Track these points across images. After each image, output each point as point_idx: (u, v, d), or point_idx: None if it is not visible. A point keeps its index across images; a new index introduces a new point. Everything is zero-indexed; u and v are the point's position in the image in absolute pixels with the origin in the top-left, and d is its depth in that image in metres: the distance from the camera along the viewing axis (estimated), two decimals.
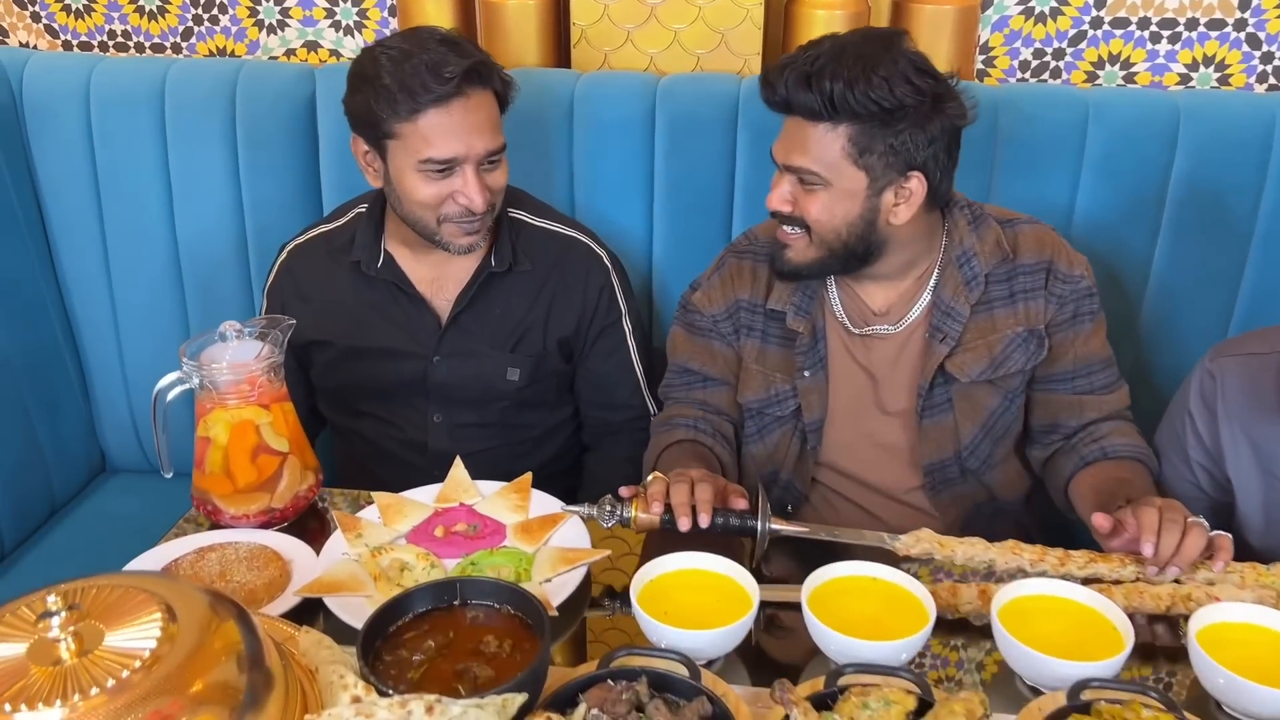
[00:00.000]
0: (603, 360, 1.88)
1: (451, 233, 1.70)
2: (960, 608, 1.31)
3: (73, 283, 2.28)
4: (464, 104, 1.61)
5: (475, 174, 1.65)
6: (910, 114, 1.48)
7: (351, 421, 1.92)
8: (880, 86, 1.45)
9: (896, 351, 1.68)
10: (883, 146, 1.50)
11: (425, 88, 1.58)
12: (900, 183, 1.53)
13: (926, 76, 1.49)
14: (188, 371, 1.42)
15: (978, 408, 1.66)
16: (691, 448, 1.69)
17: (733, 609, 1.23)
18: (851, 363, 1.70)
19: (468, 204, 1.66)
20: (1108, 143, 1.92)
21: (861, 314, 1.69)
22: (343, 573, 1.35)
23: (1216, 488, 1.61)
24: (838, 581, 1.27)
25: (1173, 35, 2.16)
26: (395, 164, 1.66)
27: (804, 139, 1.52)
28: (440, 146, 1.61)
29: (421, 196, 1.66)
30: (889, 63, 1.47)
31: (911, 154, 1.51)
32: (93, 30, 2.50)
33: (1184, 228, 1.93)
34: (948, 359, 1.64)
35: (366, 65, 1.64)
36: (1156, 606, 1.29)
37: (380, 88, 1.60)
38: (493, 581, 1.20)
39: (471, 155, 1.63)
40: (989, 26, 2.21)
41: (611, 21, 2.14)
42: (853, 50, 1.48)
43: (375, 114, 1.62)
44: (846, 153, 1.51)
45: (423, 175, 1.64)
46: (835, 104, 1.47)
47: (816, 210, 1.55)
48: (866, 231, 1.56)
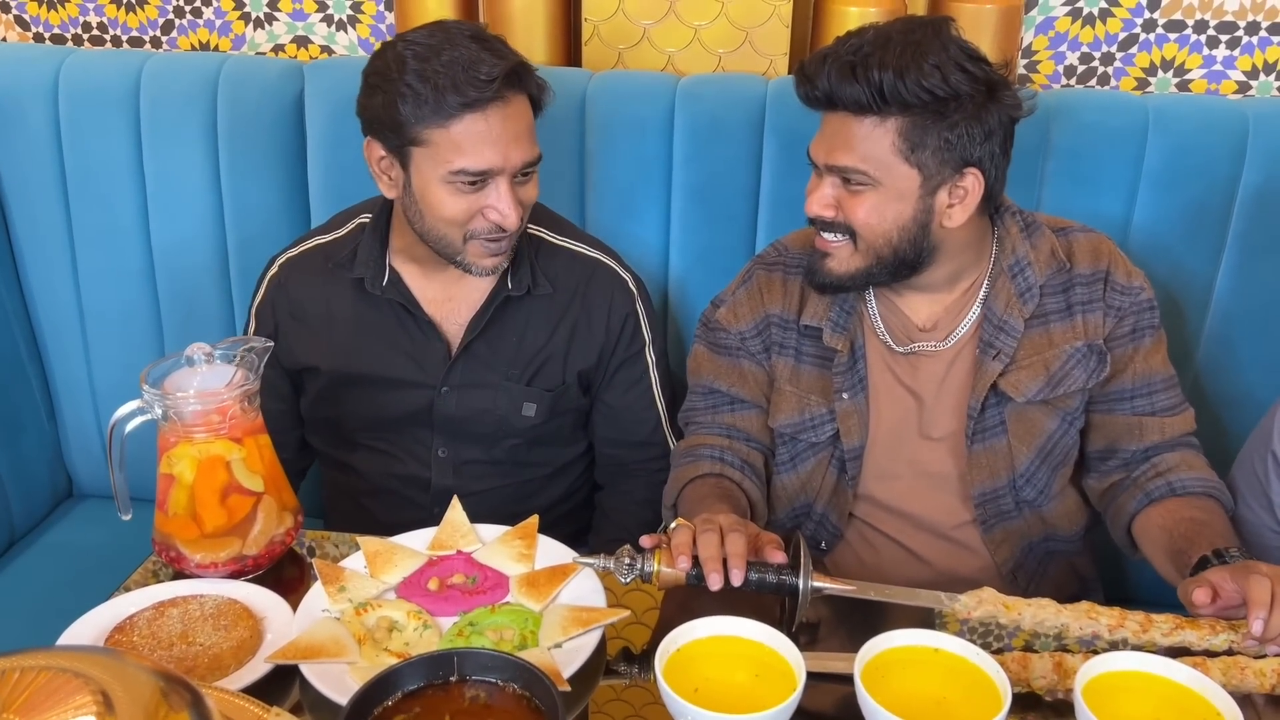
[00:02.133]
0: (623, 394, 1.70)
1: (476, 252, 1.53)
2: (1033, 682, 1.14)
3: (38, 294, 2.11)
4: (502, 110, 1.44)
5: (510, 188, 1.48)
6: (966, 104, 1.37)
7: (345, 454, 1.74)
8: (933, 74, 1.34)
9: (944, 370, 1.53)
10: (937, 141, 1.37)
11: (459, 90, 1.41)
12: (955, 181, 1.41)
13: (981, 63, 1.38)
14: (149, 400, 1.25)
15: (1034, 430, 1.51)
16: (716, 484, 1.52)
17: (774, 686, 1.06)
18: (895, 383, 1.55)
19: (499, 220, 1.49)
20: (1168, 153, 1.76)
21: (905, 330, 1.55)
22: (322, 634, 1.17)
23: None
24: (894, 653, 1.11)
25: (1231, 40, 2.00)
26: (420, 174, 1.48)
27: (849, 135, 1.39)
28: (475, 157, 1.44)
29: (449, 212, 1.48)
30: (939, 49, 1.35)
31: (968, 148, 1.39)
32: (66, 22, 2.33)
33: (1251, 247, 1.77)
34: (1001, 377, 1.49)
35: (390, 62, 1.45)
36: (1260, 685, 1.13)
37: (406, 88, 1.42)
38: (496, 655, 1.02)
39: (508, 167, 1.46)
40: (1033, 28, 2.05)
41: (626, 17, 1.98)
42: (899, 38, 1.36)
43: (399, 117, 1.44)
44: (897, 148, 1.38)
45: (452, 187, 1.47)
46: (885, 94, 1.35)
47: (864, 213, 1.41)
48: (919, 236, 1.43)
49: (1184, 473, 1.48)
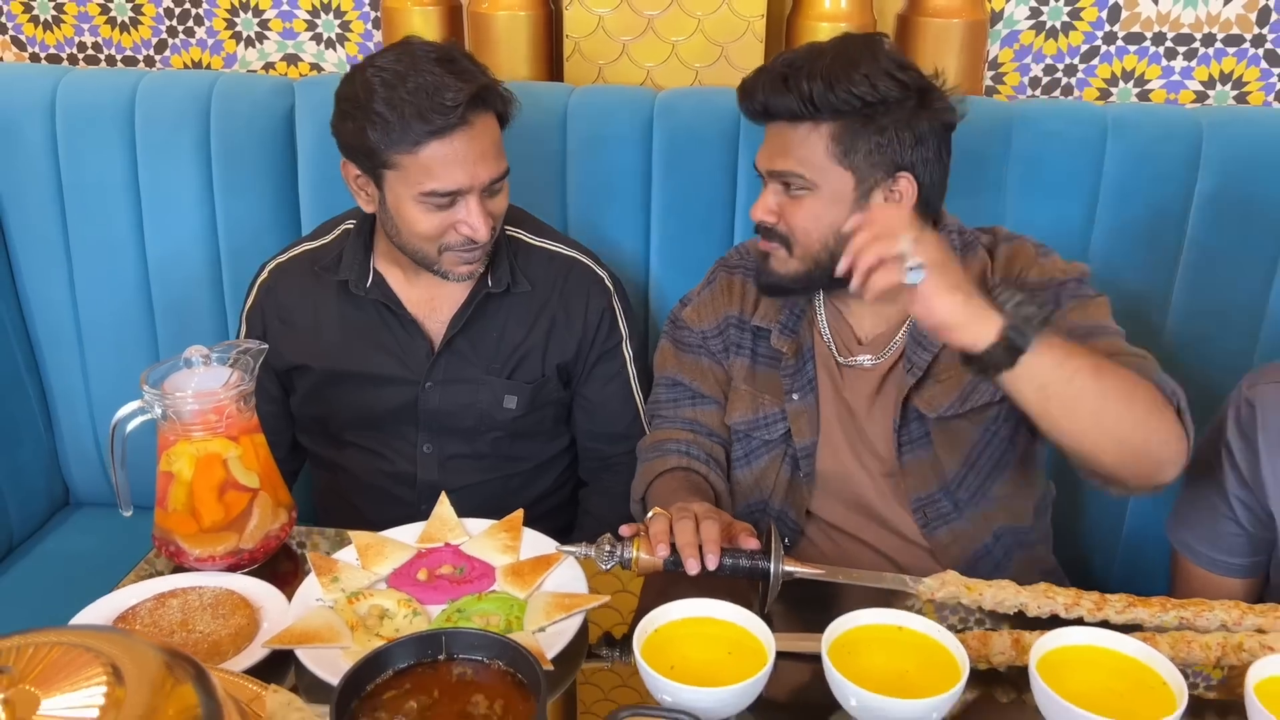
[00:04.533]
0: (601, 387, 1.77)
1: (451, 262, 1.60)
2: (992, 658, 1.20)
3: (36, 306, 2.17)
4: (467, 133, 1.50)
5: (479, 203, 1.54)
6: (895, 109, 1.43)
7: (335, 453, 1.80)
8: (861, 82, 1.41)
9: (874, 386, 1.58)
10: (868, 144, 1.44)
11: (425, 118, 1.47)
12: (889, 184, 1.47)
13: (910, 71, 1.45)
14: (149, 401, 1.31)
15: (959, 442, 1.56)
16: (685, 477, 1.59)
17: (746, 663, 1.12)
18: (835, 393, 1.61)
19: (470, 234, 1.56)
20: (1127, 161, 1.83)
21: (846, 341, 1.61)
22: (316, 621, 1.23)
23: (1256, 523, 1.51)
24: (860, 631, 1.16)
25: (1189, 51, 2.09)
26: (393, 193, 1.55)
27: (786, 141, 1.47)
28: (443, 179, 1.51)
29: (422, 228, 1.55)
30: (870, 60, 1.43)
31: (899, 152, 1.45)
32: (62, 42, 2.39)
33: (1207, 250, 1.84)
34: (915, 393, 1.54)
35: (358, 89, 1.51)
36: (1206, 657, 1.19)
37: (374, 115, 1.48)
38: (482, 634, 1.08)
39: (476, 185, 1.53)
40: (998, 41, 2.13)
41: (606, 34, 2.05)
42: (831, 50, 1.45)
43: (369, 144, 1.51)
44: (830, 152, 1.45)
45: (424, 206, 1.54)
46: (816, 101, 1.42)
47: (802, 218, 1.48)
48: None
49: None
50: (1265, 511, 1.49)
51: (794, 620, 1.33)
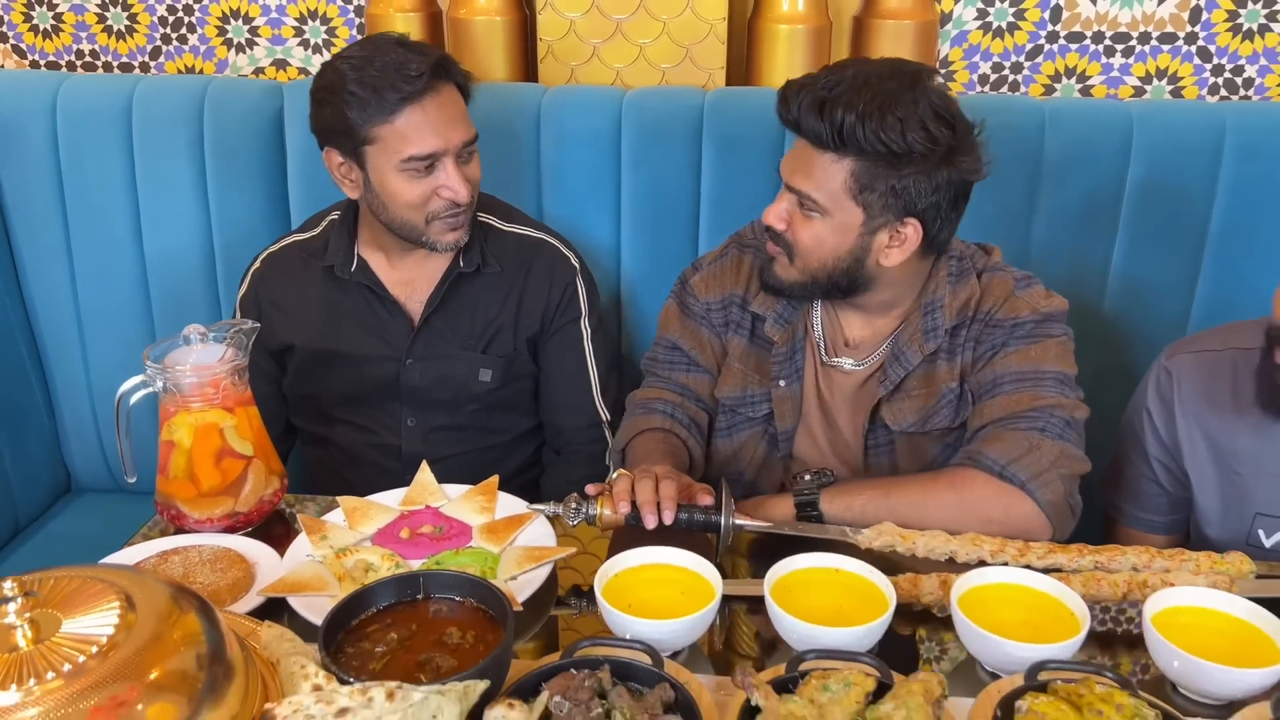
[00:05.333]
0: (557, 356, 1.89)
1: (439, 230, 1.72)
2: (922, 598, 1.32)
3: (39, 300, 2.28)
4: (436, 99, 1.64)
5: (455, 166, 1.67)
6: (918, 160, 1.45)
7: (325, 429, 1.92)
8: (893, 127, 1.42)
9: (852, 389, 1.68)
10: (884, 187, 1.47)
11: (395, 88, 1.61)
12: (896, 226, 1.51)
13: (944, 125, 1.45)
14: (151, 375, 1.42)
15: (919, 455, 1.65)
16: (664, 439, 1.69)
17: (696, 600, 1.23)
18: (816, 387, 1.71)
19: (452, 196, 1.68)
20: (1064, 150, 1.96)
21: (834, 341, 1.69)
22: (307, 573, 1.35)
23: (1175, 482, 1.64)
24: (801, 573, 1.28)
25: (1126, 49, 2.22)
26: (376, 169, 1.68)
27: (810, 164, 1.51)
28: (420, 143, 1.63)
29: (408, 197, 1.68)
30: (909, 104, 1.43)
31: (913, 200, 1.48)
32: (60, 50, 2.51)
33: (1140, 232, 1.97)
34: (885, 404, 1.63)
35: (331, 77, 1.66)
36: (1114, 593, 1.31)
37: (350, 95, 1.62)
38: (456, 575, 1.20)
39: (450, 147, 1.66)
40: (948, 41, 2.26)
41: (578, 37, 2.17)
42: (875, 84, 1.44)
43: (349, 122, 1.64)
44: (847, 186, 1.49)
45: (405, 174, 1.66)
46: (843, 136, 1.44)
47: (807, 237, 1.54)
48: (853, 267, 1.55)
49: (976, 445, 1.53)
50: (1182, 471, 1.62)
51: (747, 570, 1.45)
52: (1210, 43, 2.18)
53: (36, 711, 0.88)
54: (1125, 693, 1.05)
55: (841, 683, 1.06)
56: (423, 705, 1.00)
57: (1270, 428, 1.51)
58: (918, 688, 1.05)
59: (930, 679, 1.07)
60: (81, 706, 0.90)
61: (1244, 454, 1.55)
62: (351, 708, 0.99)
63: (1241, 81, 2.20)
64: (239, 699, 1.01)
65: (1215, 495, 1.59)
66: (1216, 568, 1.35)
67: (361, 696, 1.00)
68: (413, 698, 1.00)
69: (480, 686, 1.03)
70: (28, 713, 0.88)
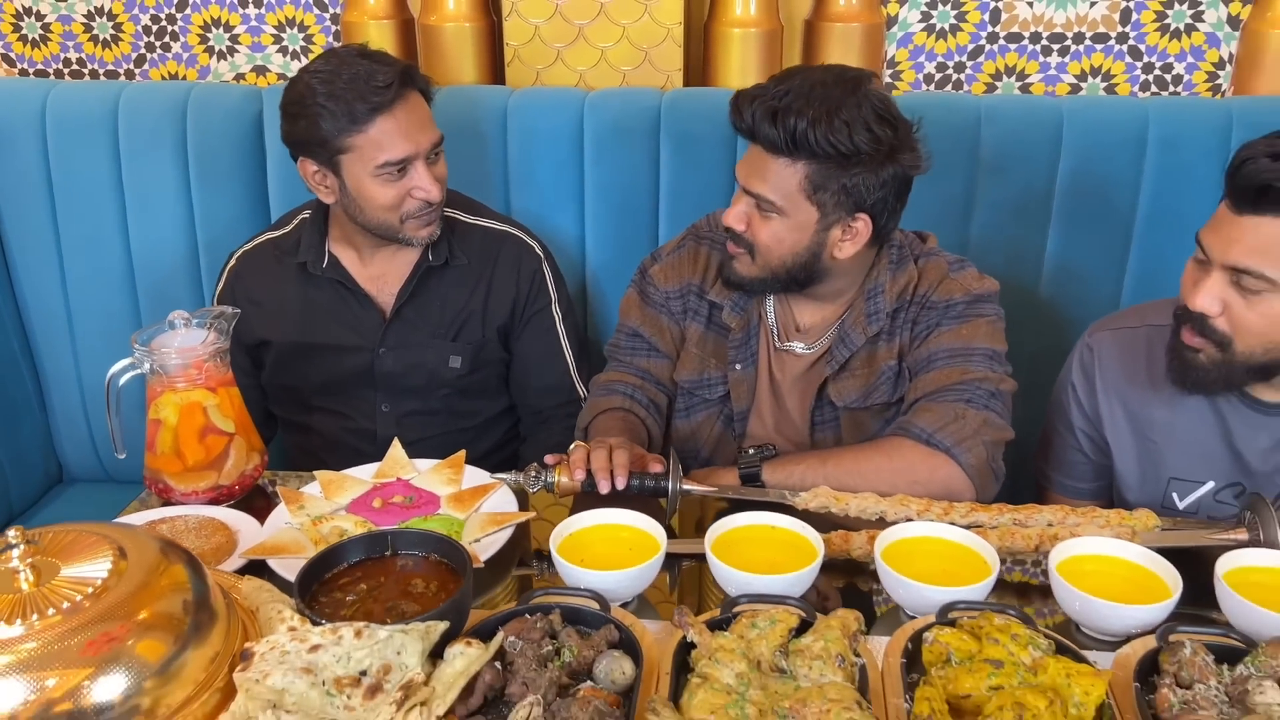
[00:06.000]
0: (533, 343, 2.00)
1: (414, 227, 1.83)
2: (852, 552, 1.43)
3: (30, 298, 2.38)
4: (404, 106, 1.75)
5: (426, 168, 1.78)
6: (865, 159, 1.57)
7: (304, 416, 2.02)
8: (841, 130, 1.53)
9: (801, 371, 1.80)
10: (836, 186, 1.59)
11: (365, 99, 1.71)
12: (848, 221, 1.63)
13: (886, 125, 1.57)
14: (139, 357, 1.53)
15: (861, 429, 1.77)
16: (624, 417, 1.80)
17: (643, 555, 1.34)
18: (769, 370, 1.82)
19: (425, 196, 1.79)
20: (1000, 144, 2.08)
21: (786, 327, 1.81)
22: (285, 538, 1.45)
23: (1097, 450, 1.76)
24: (739, 530, 1.39)
25: (1062, 49, 2.34)
26: (352, 175, 1.78)
27: (765, 168, 1.61)
28: (393, 149, 1.74)
29: (383, 200, 1.78)
30: (853, 106, 1.54)
31: (862, 196, 1.60)
32: (49, 59, 2.61)
33: (1072, 220, 2.09)
34: (831, 382, 1.75)
35: (302, 91, 1.75)
36: (1027, 545, 1.43)
37: (322, 108, 1.72)
38: (421, 532, 1.31)
39: (421, 151, 1.77)
40: (894, 43, 2.38)
41: (542, 41, 2.29)
42: (821, 91, 1.55)
43: (323, 134, 1.74)
44: (802, 187, 1.60)
45: (380, 179, 1.77)
46: (796, 141, 1.55)
47: (766, 236, 1.65)
48: (810, 261, 1.67)
49: (909, 418, 1.65)
50: (1103, 440, 1.73)
51: (695, 533, 1.56)
52: (1140, 42, 2.31)
53: (37, 644, 0.99)
54: (1021, 624, 1.16)
55: (768, 620, 1.18)
56: (387, 642, 1.11)
57: (1182, 399, 1.63)
58: (835, 622, 1.17)
59: (847, 615, 1.18)
60: (77, 640, 1.01)
61: (1158, 424, 1.67)
62: (323, 644, 1.10)
63: (1171, 78, 2.33)
64: (221, 639, 1.12)
65: (1133, 462, 1.71)
66: (1124, 522, 1.46)
67: (332, 635, 1.11)
68: (378, 635, 1.11)
69: (440, 627, 1.14)
70: (29, 645, 0.99)
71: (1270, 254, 1.41)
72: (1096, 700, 1.07)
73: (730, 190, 1.69)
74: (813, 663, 1.12)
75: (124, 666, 1.02)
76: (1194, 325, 1.50)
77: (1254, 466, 1.62)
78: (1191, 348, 1.52)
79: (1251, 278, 1.42)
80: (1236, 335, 1.47)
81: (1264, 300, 1.43)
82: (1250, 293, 1.44)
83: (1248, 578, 1.29)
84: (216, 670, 1.09)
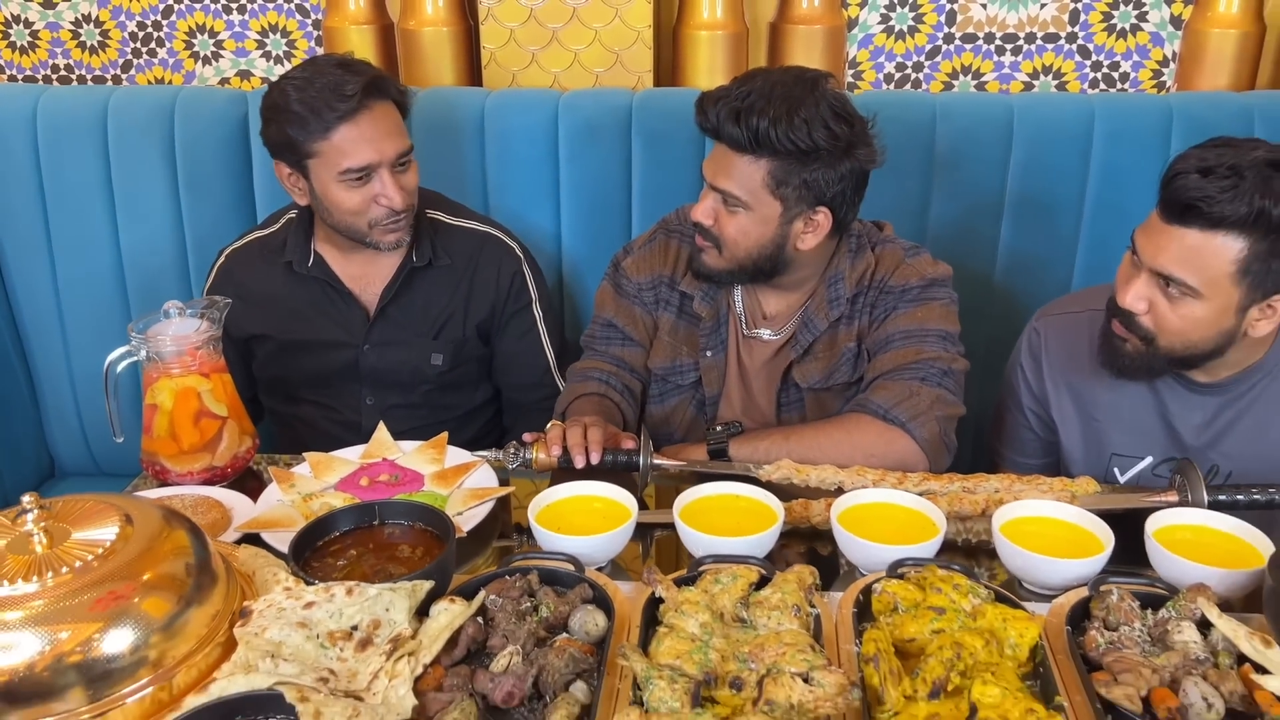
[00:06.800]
0: (515, 341, 2.08)
1: (380, 234, 1.90)
2: (812, 519, 1.53)
3: (22, 297, 2.45)
4: (369, 115, 1.81)
5: (391, 176, 1.85)
6: (824, 155, 1.66)
7: (292, 408, 2.10)
8: (800, 128, 1.63)
9: (768, 356, 1.89)
10: (797, 181, 1.68)
11: (331, 107, 1.79)
12: (809, 214, 1.73)
13: (843, 122, 1.66)
14: (135, 345, 1.61)
15: (825, 409, 1.87)
16: (599, 401, 1.89)
17: (616, 523, 1.43)
18: (737, 356, 1.92)
19: (389, 204, 1.86)
20: (954, 139, 2.18)
21: (754, 315, 1.90)
22: (278, 513, 1.53)
23: (1045, 428, 1.86)
24: (705, 499, 1.49)
25: (1015, 48, 2.45)
26: (318, 180, 1.86)
27: (730, 165, 1.70)
28: (355, 156, 1.82)
29: (348, 205, 1.86)
30: (811, 105, 1.64)
31: (822, 190, 1.69)
32: (37, 65, 2.68)
33: (1024, 211, 2.20)
34: (795, 366, 1.85)
35: (276, 97, 1.83)
36: (974, 509, 1.53)
37: (292, 115, 1.80)
38: (407, 503, 1.40)
39: (384, 160, 1.83)
40: (855, 44, 2.48)
41: (518, 45, 2.38)
42: (780, 91, 1.64)
43: (291, 139, 1.82)
44: (765, 183, 1.69)
45: (344, 185, 1.84)
46: (759, 139, 1.65)
47: (733, 230, 1.75)
48: (774, 253, 1.76)
49: (868, 395, 1.75)
50: (1050, 419, 1.84)
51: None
52: (1089, 41, 2.42)
53: (50, 600, 1.08)
54: (963, 576, 1.26)
55: (730, 576, 1.27)
56: (377, 599, 1.19)
57: (1123, 380, 1.73)
58: (792, 577, 1.26)
59: (803, 570, 1.28)
60: (86, 598, 1.09)
61: (1101, 403, 1.77)
62: (316, 601, 1.19)
63: (1118, 76, 2.44)
64: (221, 599, 1.20)
65: (1078, 439, 1.81)
66: (1067, 489, 1.56)
67: (325, 593, 1.20)
68: (368, 593, 1.19)
69: (426, 586, 1.23)
70: (43, 601, 1.07)
71: (1192, 264, 1.51)
72: (1030, 642, 1.17)
73: (699, 185, 1.77)
74: (771, 613, 1.21)
75: (131, 622, 1.10)
76: (1122, 319, 1.61)
77: (1188, 441, 1.72)
78: (1120, 338, 1.63)
79: (1175, 284, 1.53)
80: (1159, 333, 1.58)
81: (1185, 304, 1.54)
82: (1173, 297, 1.55)
83: (1175, 535, 1.39)
84: (217, 626, 1.17)
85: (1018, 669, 1.15)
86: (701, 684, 1.10)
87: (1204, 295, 1.52)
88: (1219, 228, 1.48)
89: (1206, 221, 1.48)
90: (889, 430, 1.67)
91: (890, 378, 1.74)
